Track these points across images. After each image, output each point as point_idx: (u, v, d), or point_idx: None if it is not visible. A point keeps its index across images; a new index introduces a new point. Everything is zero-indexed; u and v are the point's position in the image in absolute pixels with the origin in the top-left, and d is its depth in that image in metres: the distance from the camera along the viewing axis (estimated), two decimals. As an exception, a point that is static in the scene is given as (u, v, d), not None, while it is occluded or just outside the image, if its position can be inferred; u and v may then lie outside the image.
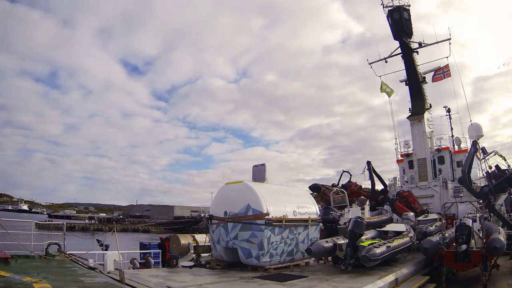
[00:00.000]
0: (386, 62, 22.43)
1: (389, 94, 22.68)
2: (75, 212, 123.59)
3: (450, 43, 20.52)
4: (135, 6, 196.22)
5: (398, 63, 21.93)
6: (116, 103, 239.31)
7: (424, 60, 22.02)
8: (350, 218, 10.80)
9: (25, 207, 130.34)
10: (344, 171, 19.48)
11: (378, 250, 8.86)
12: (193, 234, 12.46)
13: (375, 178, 18.97)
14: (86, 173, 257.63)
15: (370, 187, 19.03)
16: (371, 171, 18.79)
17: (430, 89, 22.11)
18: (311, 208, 11.29)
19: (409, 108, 21.71)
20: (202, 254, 11.76)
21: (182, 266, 10.63)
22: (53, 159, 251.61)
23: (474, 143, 17.03)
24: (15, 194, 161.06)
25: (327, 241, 9.80)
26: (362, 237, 9.70)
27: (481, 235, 10.76)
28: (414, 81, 20.86)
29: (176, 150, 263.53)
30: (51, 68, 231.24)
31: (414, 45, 20.96)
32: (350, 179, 19.13)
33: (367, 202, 15.84)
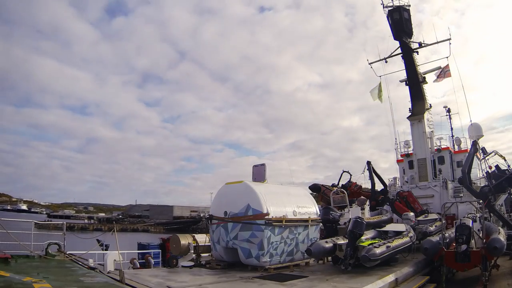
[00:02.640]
0: (386, 62, 22.50)
1: (380, 99, 23.19)
2: (74, 212, 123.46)
3: (450, 43, 20.59)
4: (152, 68, 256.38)
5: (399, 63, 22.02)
6: (134, 125, 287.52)
7: (424, 60, 22.12)
8: (350, 218, 10.79)
9: (24, 207, 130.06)
10: (344, 171, 19.48)
11: (378, 250, 8.86)
12: (193, 234, 12.44)
13: (375, 178, 18.98)
14: (95, 177, 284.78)
15: (370, 187, 19.03)
16: (371, 171, 18.79)
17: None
18: (311, 208, 11.28)
19: (409, 108, 21.73)
20: (202, 254, 11.75)
21: (182, 266, 10.62)
22: (68, 166, 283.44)
23: (474, 143, 17.03)
24: (16, 194, 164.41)
25: (327, 241, 9.79)
26: (362, 237, 9.70)
27: (481, 235, 10.75)
28: (414, 81, 20.88)
29: (180, 158, 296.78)
30: (83, 103, 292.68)
31: (414, 45, 21.01)
32: (350, 179, 19.12)
33: (367, 202, 15.82)
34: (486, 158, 17.89)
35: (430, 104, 22.15)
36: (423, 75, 21.68)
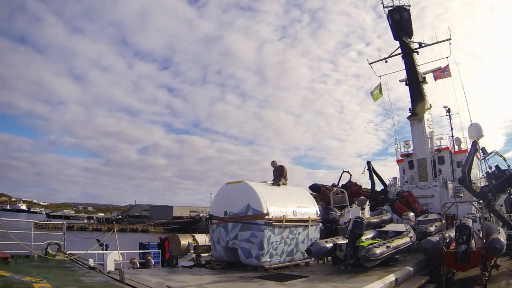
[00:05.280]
0: (386, 62, 22.53)
1: (375, 98, 23.40)
2: (73, 212, 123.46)
3: (450, 43, 20.62)
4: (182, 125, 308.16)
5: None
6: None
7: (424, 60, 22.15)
8: (350, 218, 10.79)
9: (23, 207, 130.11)
10: (344, 171, 19.50)
11: (378, 250, 8.85)
12: (193, 234, 12.44)
13: (375, 178, 18.98)
14: (99, 179, 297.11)
15: (370, 187, 19.03)
16: (371, 171, 18.79)
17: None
18: (311, 208, 11.25)
19: (409, 108, 21.74)
20: (202, 254, 11.74)
21: (182, 266, 10.61)
22: (92, 177, 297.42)
23: (474, 143, 17.03)
24: (14, 194, 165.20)
25: (327, 241, 9.79)
26: (362, 237, 9.69)
27: (481, 235, 10.75)
28: (414, 81, 20.90)
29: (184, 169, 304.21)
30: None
31: (414, 45, 21.03)
32: (350, 179, 19.13)
33: (367, 202, 15.82)
34: (486, 158, 17.89)
35: (430, 104, 22.15)
36: (423, 75, 21.69)
